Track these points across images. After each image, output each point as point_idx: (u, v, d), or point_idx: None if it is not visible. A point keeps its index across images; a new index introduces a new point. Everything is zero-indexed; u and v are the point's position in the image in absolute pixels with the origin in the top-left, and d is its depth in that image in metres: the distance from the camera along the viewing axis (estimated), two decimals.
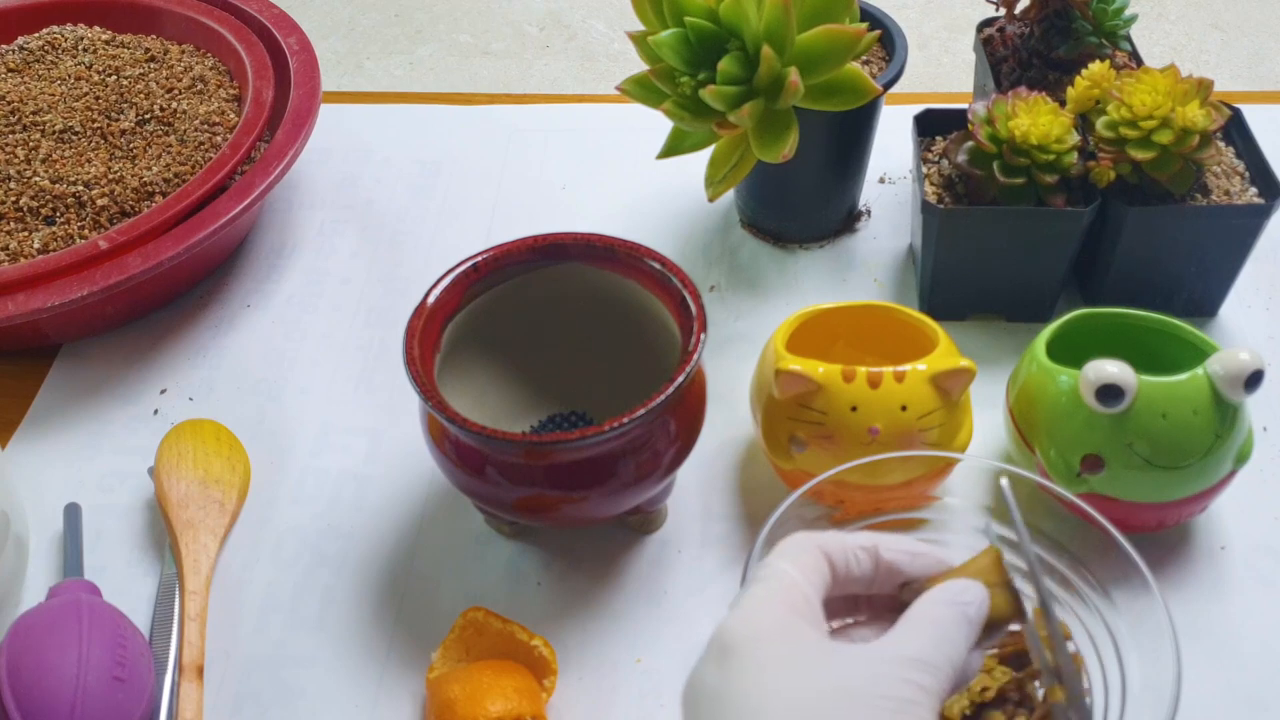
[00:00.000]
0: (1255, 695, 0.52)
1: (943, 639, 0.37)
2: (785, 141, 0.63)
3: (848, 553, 0.40)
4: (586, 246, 0.58)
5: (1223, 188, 0.65)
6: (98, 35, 0.83)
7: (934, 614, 0.38)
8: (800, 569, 0.39)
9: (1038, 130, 0.61)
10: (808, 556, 0.39)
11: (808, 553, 0.39)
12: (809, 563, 0.39)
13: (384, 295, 0.74)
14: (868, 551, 0.40)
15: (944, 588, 0.39)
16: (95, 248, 0.66)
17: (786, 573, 0.39)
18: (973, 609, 0.38)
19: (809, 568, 0.39)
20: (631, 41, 0.65)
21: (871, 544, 0.40)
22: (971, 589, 0.39)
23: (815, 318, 0.59)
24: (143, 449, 0.65)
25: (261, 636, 0.57)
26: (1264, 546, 0.58)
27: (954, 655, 0.37)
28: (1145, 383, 0.51)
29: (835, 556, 0.40)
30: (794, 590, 0.38)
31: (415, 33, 2.29)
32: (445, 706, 0.50)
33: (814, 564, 0.39)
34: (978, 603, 0.39)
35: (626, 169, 0.82)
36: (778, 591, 0.38)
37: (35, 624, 0.51)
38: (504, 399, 0.61)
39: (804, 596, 0.38)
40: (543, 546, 0.60)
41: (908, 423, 0.53)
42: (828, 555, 0.40)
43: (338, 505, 0.62)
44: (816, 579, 0.39)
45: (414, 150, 0.86)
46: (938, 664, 0.36)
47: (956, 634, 0.37)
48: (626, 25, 0.66)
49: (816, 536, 0.40)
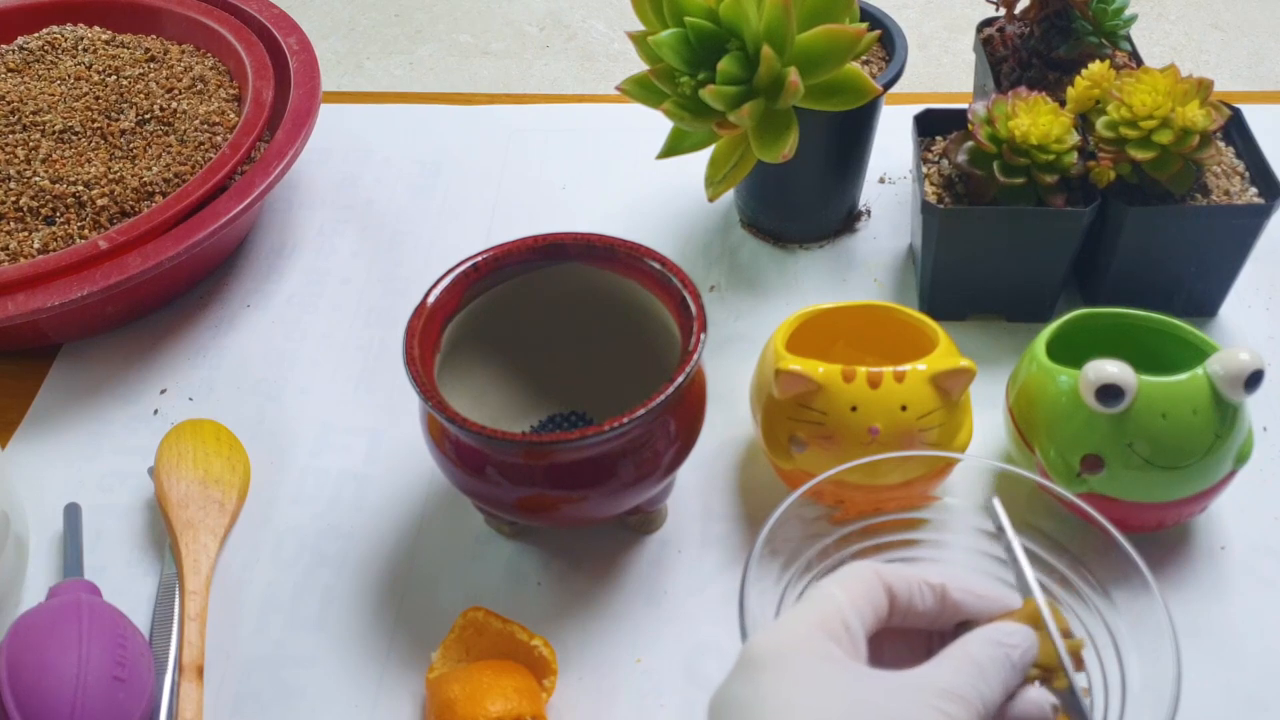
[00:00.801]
0: (1255, 695, 0.52)
1: (979, 676, 0.37)
2: (785, 141, 0.63)
3: (911, 585, 0.40)
4: (586, 246, 0.58)
5: (1223, 188, 0.65)
6: (98, 35, 0.83)
7: (974, 651, 0.38)
8: (848, 594, 0.38)
9: (1038, 130, 0.61)
10: (861, 584, 0.39)
11: (862, 581, 0.39)
12: (860, 590, 0.39)
13: (384, 295, 0.74)
14: (934, 589, 0.40)
15: (993, 627, 0.39)
16: (95, 248, 0.66)
17: (832, 596, 0.38)
18: (1017, 653, 0.38)
19: (859, 594, 0.39)
20: (631, 41, 0.65)
21: (940, 581, 0.40)
22: (1020, 633, 0.39)
23: (815, 318, 0.59)
24: (143, 449, 0.65)
25: (261, 636, 0.57)
26: (1264, 546, 0.58)
27: (988, 693, 0.36)
28: (1145, 383, 0.51)
29: (897, 587, 0.39)
30: (833, 613, 0.38)
31: (415, 33, 2.30)
32: (445, 706, 0.50)
33: (866, 592, 0.39)
34: (1024, 647, 0.38)
35: (626, 169, 0.82)
36: (815, 612, 0.38)
37: (35, 624, 0.51)
38: (504, 399, 0.61)
39: (842, 620, 0.38)
40: (543, 546, 0.60)
41: (908, 423, 0.53)
42: (888, 585, 0.39)
43: (338, 505, 0.62)
44: (866, 607, 0.38)
45: (414, 150, 0.86)
46: (969, 699, 0.36)
47: (994, 673, 0.37)
48: (626, 25, 0.66)
49: (880, 566, 0.40)
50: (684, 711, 0.53)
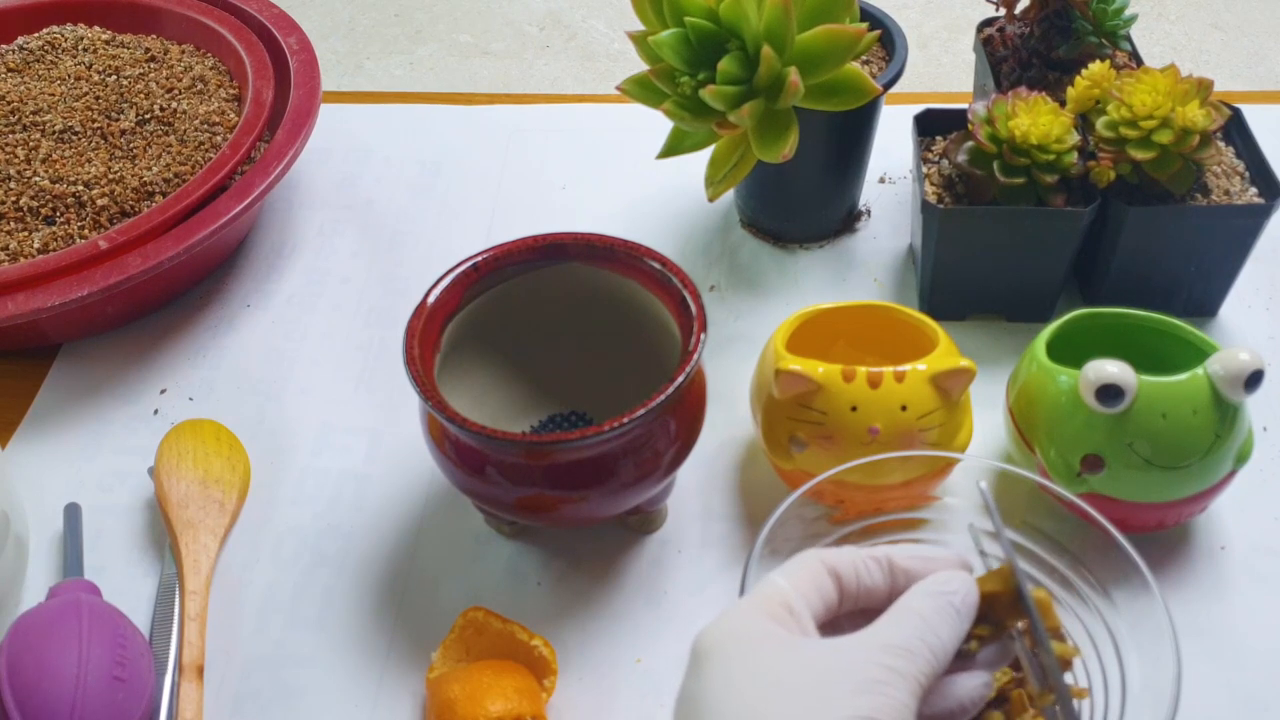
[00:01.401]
0: (1255, 695, 0.52)
1: (924, 627, 0.37)
2: (785, 141, 0.63)
3: (856, 563, 0.40)
4: (586, 246, 0.58)
5: (1223, 188, 0.65)
6: (98, 35, 0.83)
7: (915, 604, 0.38)
8: (792, 581, 0.39)
9: (1038, 130, 0.61)
10: (805, 571, 0.39)
11: (806, 567, 0.39)
12: (805, 576, 0.39)
13: (384, 295, 0.74)
14: (879, 561, 0.40)
15: (931, 579, 0.39)
16: (95, 248, 0.66)
17: (774, 582, 0.38)
18: (958, 598, 0.38)
19: (804, 580, 0.39)
20: (631, 41, 0.65)
21: (883, 554, 0.40)
22: (956, 579, 0.39)
23: (815, 318, 0.59)
24: (143, 449, 0.65)
25: (261, 636, 0.57)
26: (1264, 546, 0.58)
27: (935, 643, 0.36)
28: (1145, 383, 0.51)
29: (842, 568, 0.39)
30: (774, 596, 0.38)
31: (415, 33, 2.30)
32: (445, 706, 0.50)
33: (810, 577, 0.39)
34: (963, 592, 0.38)
35: (626, 169, 0.82)
36: (758, 601, 0.38)
37: (35, 624, 0.51)
38: (504, 399, 0.61)
39: (785, 603, 0.38)
40: (543, 546, 0.60)
41: (908, 423, 0.53)
42: (833, 569, 0.39)
43: (338, 505, 0.62)
44: (811, 592, 0.39)
45: (414, 150, 0.86)
46: (915, 650, 0.36)
47: (939, 621, 0.37)
48: (626, 25, 0.66)
49: (822, 552, 0.40)
50: None
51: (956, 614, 0.38)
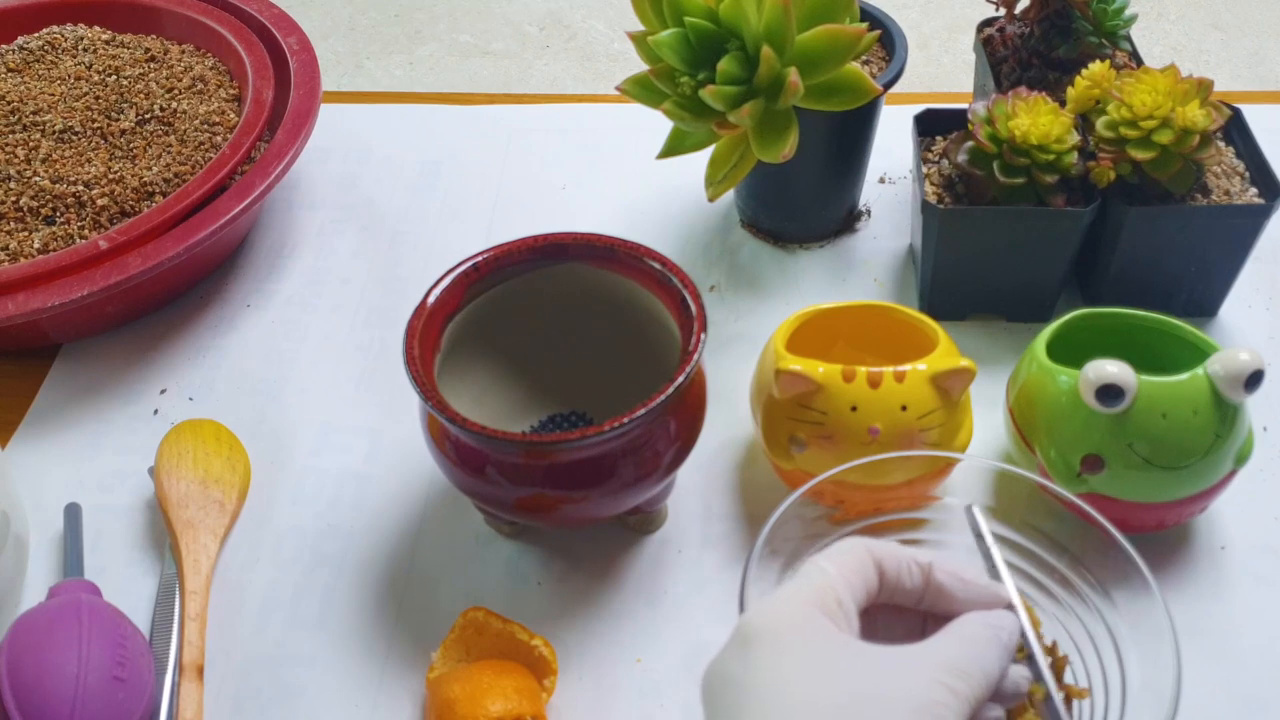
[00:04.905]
0: (1255, 695, 0.52)
1: (981, 654, 0.37)
2: (785, 141, 0.63)
3: (900, 562, 0.40)
4: (586, 246, 0.58)
5: (1223, 188, 0.65)
6: (98, 35, 0.83)
7: (970, 631, 0.38)
8: (839, 569, 0.39)
9: (1038, 130, 0.61)
10: (852, 559, 0.39)
11: (854, 555, 0.39)
12: (851, 564, 0.39)
13: (384, 295, 0.74)
14: (921, 568, 0.40)
15: (983, 613, 0.40)
16: (95, 248, 0.66)
17: (824, 571, 0.39)
18: (1005, 634, 0.39)
19: (850, 569, 0.39)
20: (631, 41, 0.65)
21: (927, 561, 0.40)
22: (1007, 618, 0.40)
23: (815, 318, 0.59)
24: (143, 449, 0.65)
25: (261, 636, 0.57)
26: (1264, 546, 0.58)
27: (988, 669, 0.37)
28: (1145, 383, 0.51)
29: (886, 563, 0.40)
30: (825, 588, 0.38)
31: (415, 33, 2.30)
32: (445, 706, 0.50)
33: (857, 567, 0.39)
34: (1011, 630, 0.39)
35: (626, 169, 0.82)
36: (807, 588, 0.38)
37: (35, 624, 0.51)
38: (504, 399, 0.61)
39: (835, 596, 0.38)
40: (543, 546, 0.60)
41: (908, 423, 0.53)
42: (878, 561, 0.40)
43: (338, 505, 0.62)
44: (857, 581, 0.39)
45: (414, 150, 0.86)
46: (972, 673, 0.36)
47: (990, 652, 0.38)
48: (626, 25, 0.66)
49: (871, 542, 0.40)
50: (684, 711, 0.53)
51: (1004, 650, 0.38)
